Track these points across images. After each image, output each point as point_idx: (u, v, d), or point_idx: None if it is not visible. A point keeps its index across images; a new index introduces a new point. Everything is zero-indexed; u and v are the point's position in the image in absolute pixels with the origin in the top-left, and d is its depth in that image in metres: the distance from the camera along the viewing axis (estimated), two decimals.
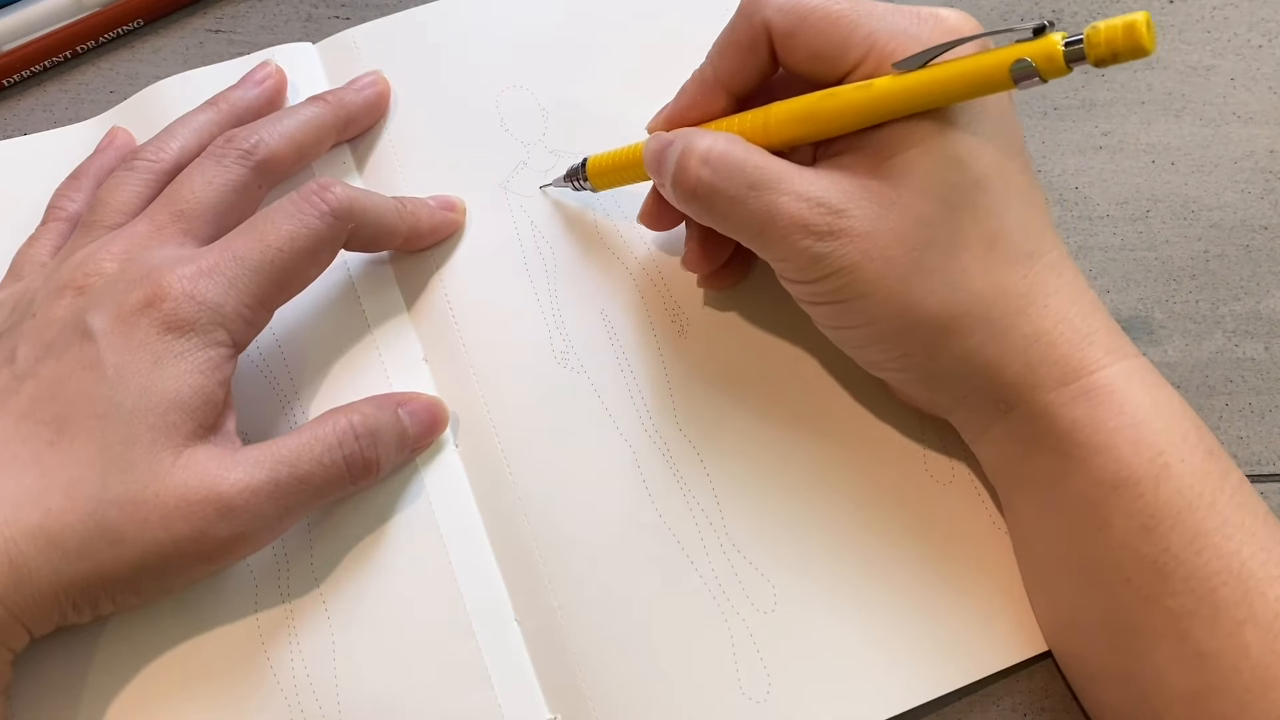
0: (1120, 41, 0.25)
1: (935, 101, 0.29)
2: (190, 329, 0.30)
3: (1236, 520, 0.28)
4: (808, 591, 0.33)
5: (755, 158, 0.30)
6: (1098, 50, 0.25)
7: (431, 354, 0.37)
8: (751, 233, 0.31)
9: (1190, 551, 0.28)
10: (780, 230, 0.30)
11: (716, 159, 0.30)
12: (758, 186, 0.30)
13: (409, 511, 0.34)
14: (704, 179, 0.31)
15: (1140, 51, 0.25)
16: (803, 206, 0.29)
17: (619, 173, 0.36)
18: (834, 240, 0.29)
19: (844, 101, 0.30)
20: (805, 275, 0.30)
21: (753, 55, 0.32)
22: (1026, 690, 0.33)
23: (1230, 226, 0.39)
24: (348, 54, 0.41)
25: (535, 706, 0.33)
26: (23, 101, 0.43)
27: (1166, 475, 0.28)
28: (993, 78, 0.27)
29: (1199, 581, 0.28)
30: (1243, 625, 0.27)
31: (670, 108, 0.34)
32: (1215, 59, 0.42)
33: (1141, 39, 0.25)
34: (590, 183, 0.37)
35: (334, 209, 0.33)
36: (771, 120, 0.31)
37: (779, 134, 0.31)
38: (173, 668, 0.33)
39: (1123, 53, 0.25)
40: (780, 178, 0.30)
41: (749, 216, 0.30)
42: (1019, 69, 0.27)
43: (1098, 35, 0.25)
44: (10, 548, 0.28)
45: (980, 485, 0.35)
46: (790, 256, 0.30)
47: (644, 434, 0.35)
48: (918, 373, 0.32)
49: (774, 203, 0.30)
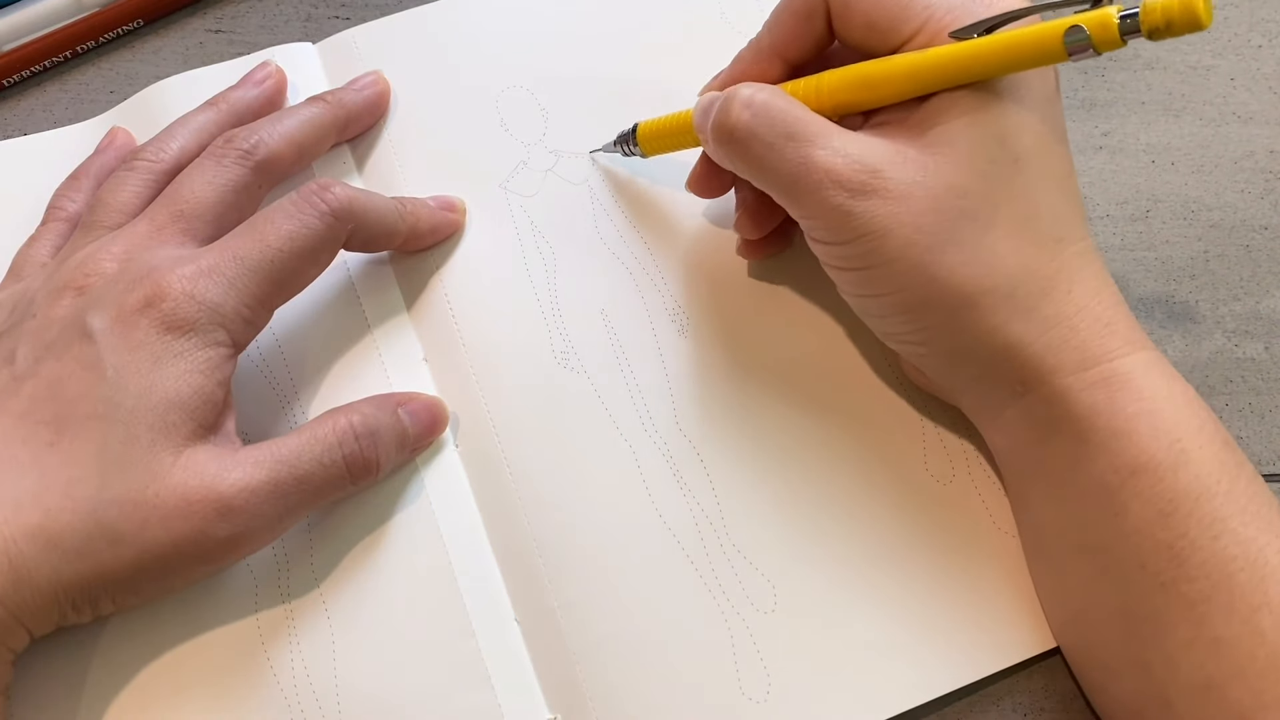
0: (1176, 13, 0.25)
1: (988, 71, 0.29)
2: (190, 329, 0.30)
3: (1253, 508, 0.28)
4: (808, 591, 0.33)
5: (796, 109, 0.30)
6: (1153, 20, 0.25)
7: (431, 354, 0.37)
8: (784, 185, 0.30)
9: (1208, 537, 0.28)
10: (813, 184, 0.30)
11: (759, 105, 0.30)
12: (795, 137, 0.30)
13: (409, 511, 0.34)
14: (743, 122, 0.30)
15: (1196, 25, 0.25)
16: (838, 161, 0.29)
17: (670, 138, 0.36)
18: (867, 199, 0.29)
19: (897, 67, 0.30)
20: (835, 235, 0.30)
21: (809, 25, 0.32)
22: (1026, 690, 0.33)
23: (1230, 226, 0.39)
24: (348, 54, 0.41)
25: (535, 706, 0.33)
26: (23, 101, 0.43)
27: (1185, 461, 0.28)
28: (1047, 47, 0.27)
29: (1216, 567, 0.28)
30: (1258, 611, 0.27)
31: (725, 73, 0.34)
32: (1215, 59, 0.42)
33: (1198, 12, 0.25)
34: (640, 148, 0.37)
35: (334, 209, 0.33)
36: (824, 86, 0.31)
37: (831, 99, 0.31)
38: (173, 668, 0.33)
39: (1178, 24, 0.25)
40: (820, 132, 0.30)
41: (784, 166, 0.30)
42: (1073, 37, 0.27)
43: (1154, 6, 0.25)
44: (10, 548, 0.28)
45: (980, 485, 0.35)
46: (822, 214, 0.30)
47: (644, 434, 0.35)
48: (937, 347, 0.31)
49: (810, 155, 0.30)
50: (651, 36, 0.40)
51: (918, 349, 0.32)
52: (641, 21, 0.41)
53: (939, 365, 0.32)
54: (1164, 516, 0.28)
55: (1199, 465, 0.28)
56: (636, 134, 0.37)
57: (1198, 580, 0.28)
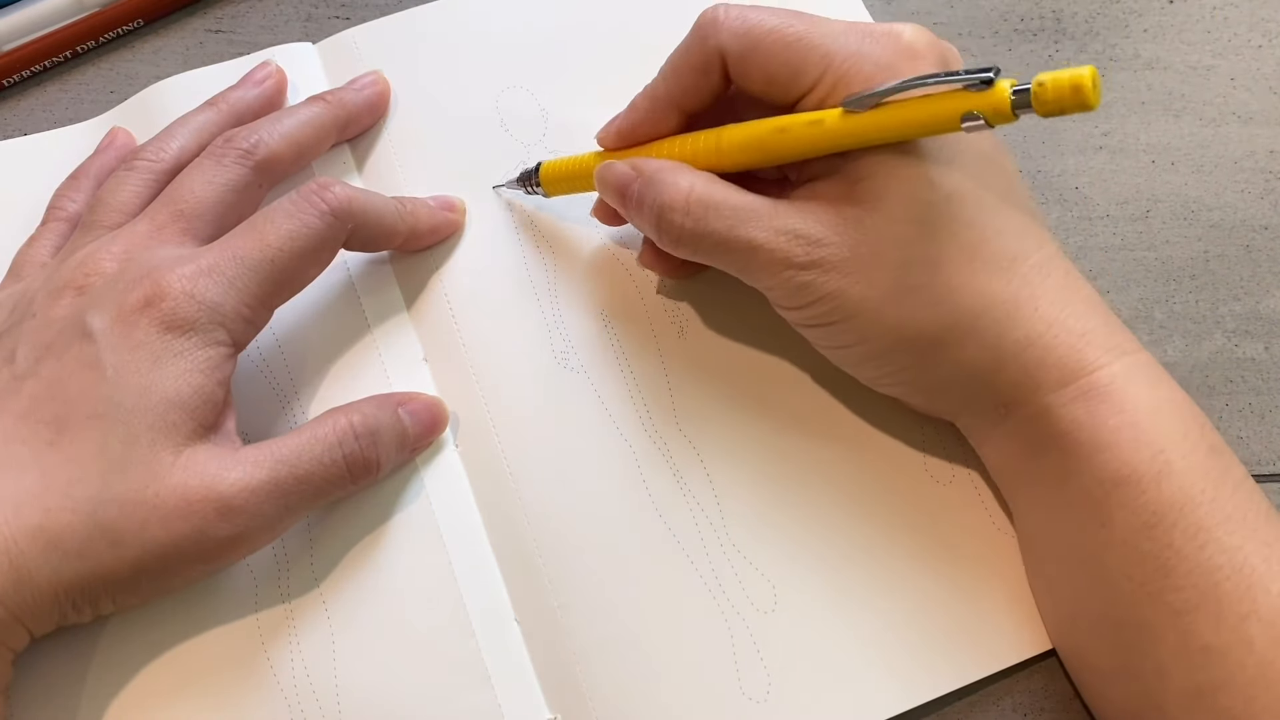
0: (1067, 98, 0.25)
1: (885, 139, 0.29)
2: (190, 328, 0.30)
3: (1239, 516, 0.28)
4: (808, 591, 0.33)
5: (733, 198, 0.31)
6: (1045, 106, 0.26)
7: (431, 354, 0.37)
8: (737, 268, 0.32)
9: (1193, 547, 0.28)
10: (762, 264, 0.30)
11: (697, 209, 0.31)
12: (738, 226, 0.30)
13: (409, 511, 0.34)
14: (688, 229, 0.31)
15: (1085, 107, 0.25)
16: (782, 240, 0.30)
17: (571, 182, 0.36)
18: (815, 270, 0.30)
19: (796, 137, 0.30)
20: (793, 302, 0.31)
21: (705, 77, 0.32)
22: (1026, 690, 0.33)
23: (1230, 226, 0.39)
24: (348, 54, 0.41)
25: (535, 706, 0.33)
26: (23, 101, 0.43)
27: (1169, 472, 0.28)
28: (941, 123, 0.28)
29: (1202, 576, 0.28)
30: (1246, 620, 0.27)
31: (621, 121, 0.34)
32: (1215, 59, 0.42)
33: (1087, 96, 0.25)
34: (542, 188, 0.37)
35: (334, 208, 0.33)
36: (724, 145, 0.32)
37: (731, 159, 0.32)
38: (173, 668, 0.33)
39: (1069, 107, 0.25)
40: (758, 214, 0.30)
41: (732, 255, 0.31)
42: (967, 119, 0.27)
43: (1045, 91, 0.26)
44: (10, 547, 0.28)
45: (980, 485, 0.35)
46: (776, 287, 0.31)
47: (644, 434, 0.35)
48: (916, 385, 0.32)
49: (754, 239, 0.30)
50: (651, 36, 0.40)
51: (900, 389, 0.33)
52: (641, 21, 0.41)
53: (923, 400, 0.33)
54: (1149, 528, 0.28)
55: (1182, 475, 0.28)
56: (539, 174, 0.37)
57: (1184, 590, 0.28)
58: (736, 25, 0.31)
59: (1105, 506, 0.29)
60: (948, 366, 0.30)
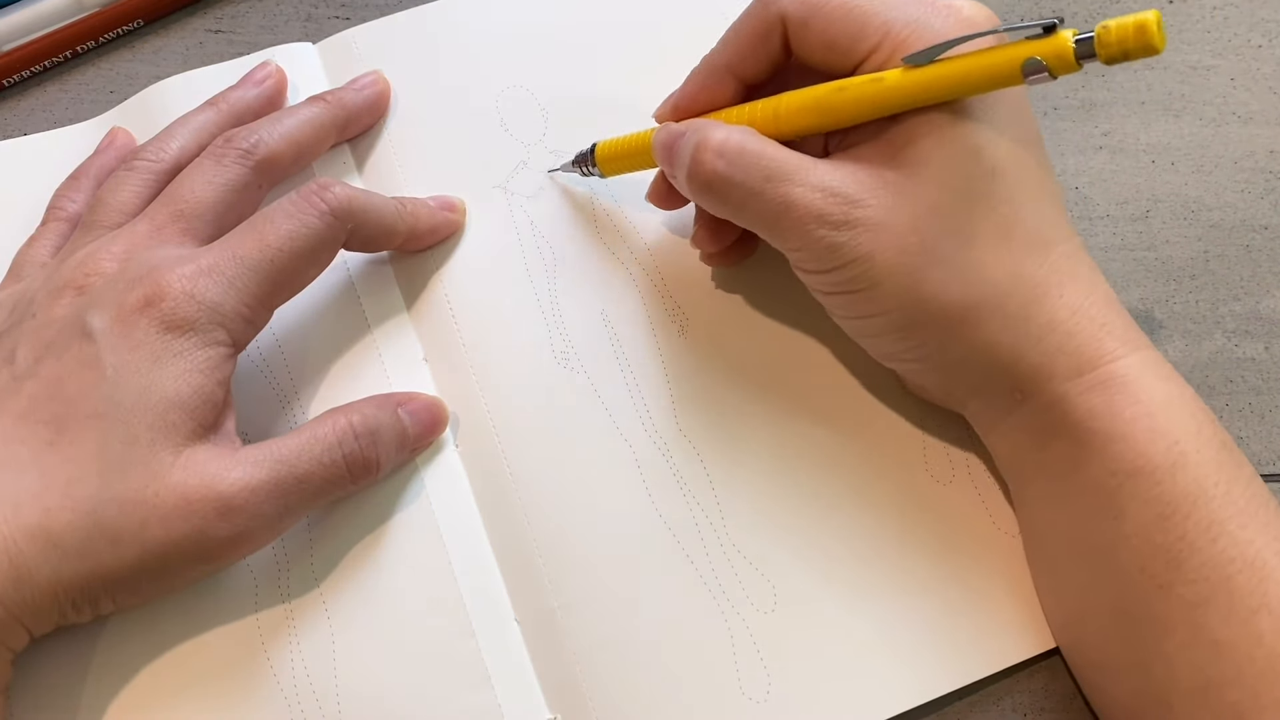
0: (1131, 40, 0.25)
1: (946, 95, 0.29)
2: (190, 328, 0.30)
3: (1251, 510, 0.28)
4: (808, 591, 0.33)
5: (770, 149, 0.30)
6: (1109, 49, 0.25)
7: (431, 354, 0.37)
8: (767, 224, 0.31)
9: (1206, 539, 0.28)
10: (795, 221, 0.30)
11: (732, 151, 0.30)
12: (773, 178, 0.30)
13: (409, 511, 0.34)
14: (719, 171, 0.30)
15: (1150, 50, 0.25)
16: (818, 197, 0.29)
17: (628, 159, 0.36)
18: (849, 230, 0.29)
19: (856, 94, 0.30)
20: (820, 265, 0.30)
21: (765, 44, 0.32)
22: (1026, 690, 0.33)
23: (1230, 226, 0.39)
24: (348, 54, 0.41)
25: (535, 706, 0.33)
26: (23, 101, 0.43)
27: (1183, 464, 0.28)
28: (1003, 74, 0.27)
29: (1214, 569, 0.28)
30: (1257, 613, 0.27)
31: (678, 94, 0.34)
32: (1215, 59, 0.42)
33: (1153, 38, 0.25)
34: (599, 168, 0.37)
35: (333, 208, 0.33)
36: (783, 110, 0.31)
37: (790, 124, 0.31)
38: (173, 668, 0.33)
39: (1133, 51, 0.25)
40: (796, 169, 0.30)
41: (764, 208, 0.30)
42: (1030, 66, 0.27)
43: (1109, 34, 0.25)
44: (10, 547, 0.28)
45: (980, 484, 0.35)
46: (805, 246, 0.30)
47: (644, 434, 0.35)
48: (932, 363, 0.32)
49: (789, 194, 0.30)
50: (652, 36, 0.40)
51: (914, 366, 0.32)
52: (642, 21, 0.41)
53: (937, 380, 0.33)
54: (1161, 519, 0.28)
55: (1196, 468, 0.28)
56: (595, 154, 0.37)
57: (1196, 583, 0.28)
58: None
59: (1118, 498, 0.29)
60: (968, 345, 0.30)
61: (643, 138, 0.35)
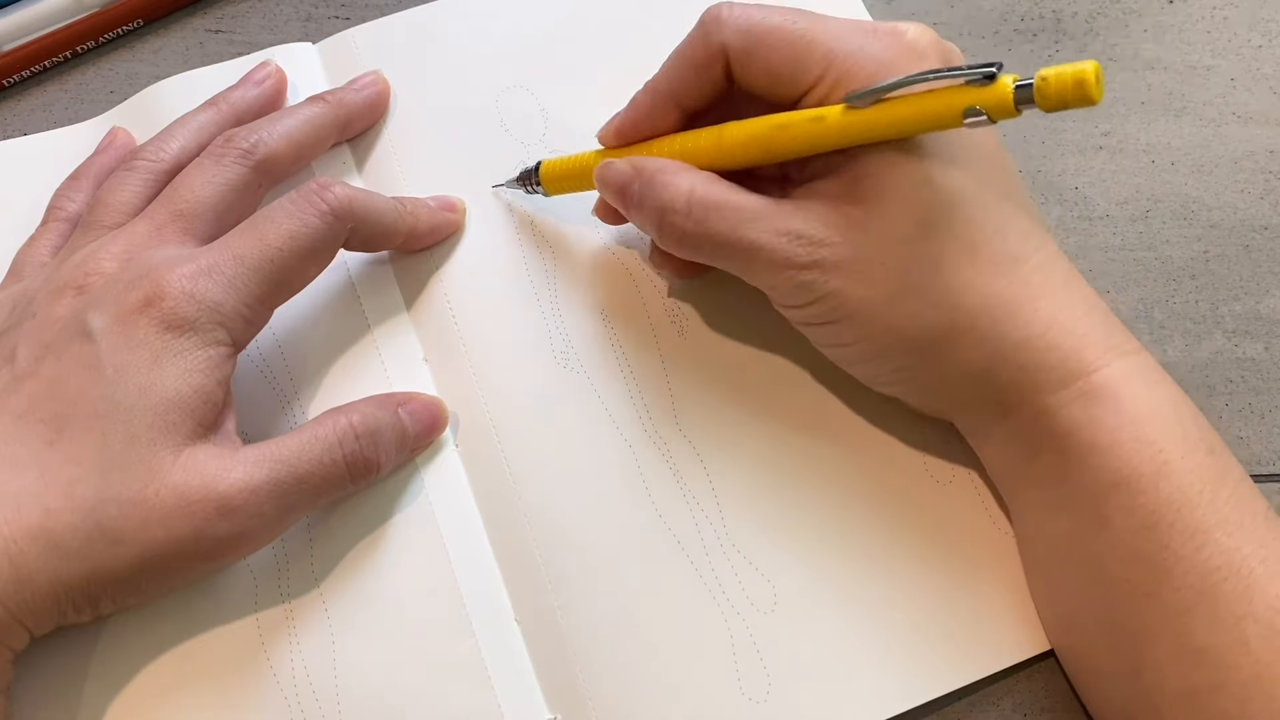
0: (1070, 92, 0.25)
1: (888, 135, 0.29)
2: (190, 328, 0.30)
3: (1236, 518, 0.28)
4: (808, 591, 0.33)
5: (733, 198, 0.31)
6: (1048, 100, 0.26)
7: (431, 354, 0.37)
8: (738, 269, 0.32)
9: (1191, 548, 0.28)
10: (763, 265, 0.31)
11: (697, 210, 0.31)
12: (740, 227, 0.31)
13: (409, 511, 0.34)
14: (689, 231, 0.31)
15: (1087, 101, 0.25)
16: (783, 241, 0.30)
17: (572, 180, 0.36)
18: (816, 270, 0.30)
19: (797, 133, 0.30)
20: (794, 301, 0.31)
21: (708, 73, 0.32)
22: (1026, 690, 0.33)
23: (1230, 226, 0.39)
24: (348, 54, 0.41)
25: (535, 706, 0.33)
26: (23, 101, 0.43)
27: (1167, 473, 0.28)
28: (944, 119, 0.28)
29: (1199, 577, 0.28)
30: (1242, 621, 0.27)
31: (621, 119, 0.34)
32: (1215, 59, 0.42)
33: (1090, 89, 0.25)
34: (542, 187, 0.37)
35: (333, 208, 0.33)
36: (725, 142, 0.32)
37: (732, 156, 0.32)
38: (173, 668, 0.33)
39: (1071, 102, 0.25)
40: (759, 215, 0.30)
41: (734, 256, 0.31)
42: (970, 112, 0.27)
43: (1048, 85, 0.25)
44: (10, 547, 0.28)
45: (980, 485, 0.35)
46: (777, 286, 0.31)
47: (644, 434, 0.35)
48: (915, 385, 0.32)
49: (756, 239, 0.30)
50: (651, 35, 0.40)
51: (900, 388, 0.33)
52: (641, 20, 0.41)
53: (922, 399, 0.33)
54: (1146, 529, 0.28)
55: (1181, 476, 0.28)
56: (539, 173, 0.37)
57: (1181, 591, 0.28)
58: (740, 22, 0.31)
59: (1103, 507, 0.29)
60: (947, 366, 0.30)
61: (586, 161, 0.35)
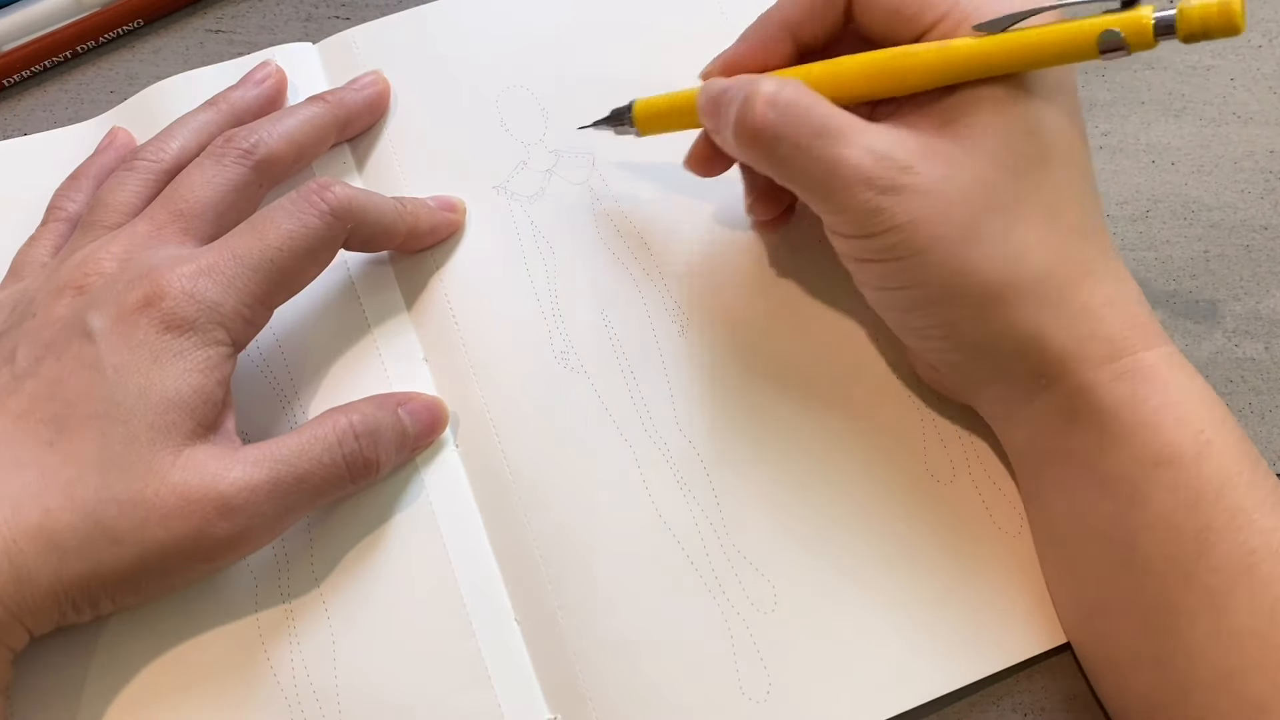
0: (1214, 18, 0.25)
1: (1015, 67, 0.28)
2: (189, 328, 0.30)
3: (1273, 500, 0.28)
4: (808, 591, 0.33)
5: (823, 105, 0.30)
6: (1190, 25, 0.25)
7: (431, 354, 0.37)
8: (812, 182, 0.30)
9: (1231, 528, 0.28)
10: (843, 181, 0.29)
11: (784, 102, 0.30)
12: (823, 135, 0.29)
13: (409, 511, 0.34)
14: (769, 122, 0.30)
15: (1233, 29, 0.24)
16: (868, 159, 0.29)
17: (669, 118, 0.35)
18: (896, 195, 0.29)
19: (922, 60, 0.29)
20: (861, 229, 0.30)
21: (829, 5, 0.31)
22: (1026, 690, 0.33)
23: (1230, 226, 0.39)
24: (348, 54, 0.41)
25: (535, 706, 0.33)
26: (23, 101, 0.43)
27: (1209, 452, 0.28)
28: (1078, 47, 0.27)
29: (1238, 558, 0.28)
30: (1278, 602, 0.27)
31: (730, 52, 0.33)
32: (1215, 59, 0.42)
33: (1235, 16, 0.24)
34: (636, 127, 0.36)
35: (333, 208, 0.33)
36: (844, 72, 0.31)
37: (850, 87, 0.30)
38: (173, 668, 0.33)
39: (1214, 30, 0.25)
40: (848, 128, 0.29)
41: (812, 166, 0.30)
42: (1107, 39, 0.26)
43: (1191, 11, 0.25)
44: (10, 547, 0.28)
45: (981, 485, 0.35)
46: (849, 209, 0.30)
47: (644, 434, 0.35)
48: (960, 341, 0.31)
49: (838, 153, 0.29)
50: (652, 35, 0.40)
51: (940, 344, 0.32)
52: (641, 20, 0.41)
53: (960, 361, 0.32)
54: (1188, 507, 0.28)
55: (1222, 456, 0.28)
56: (633, 112, 0.36)
57: (1219, 571, 0.28)
58: None
59: (1143, 486, 0.29)
60: (1000, 324, 0.30)
61: (686, 96, 0.34)
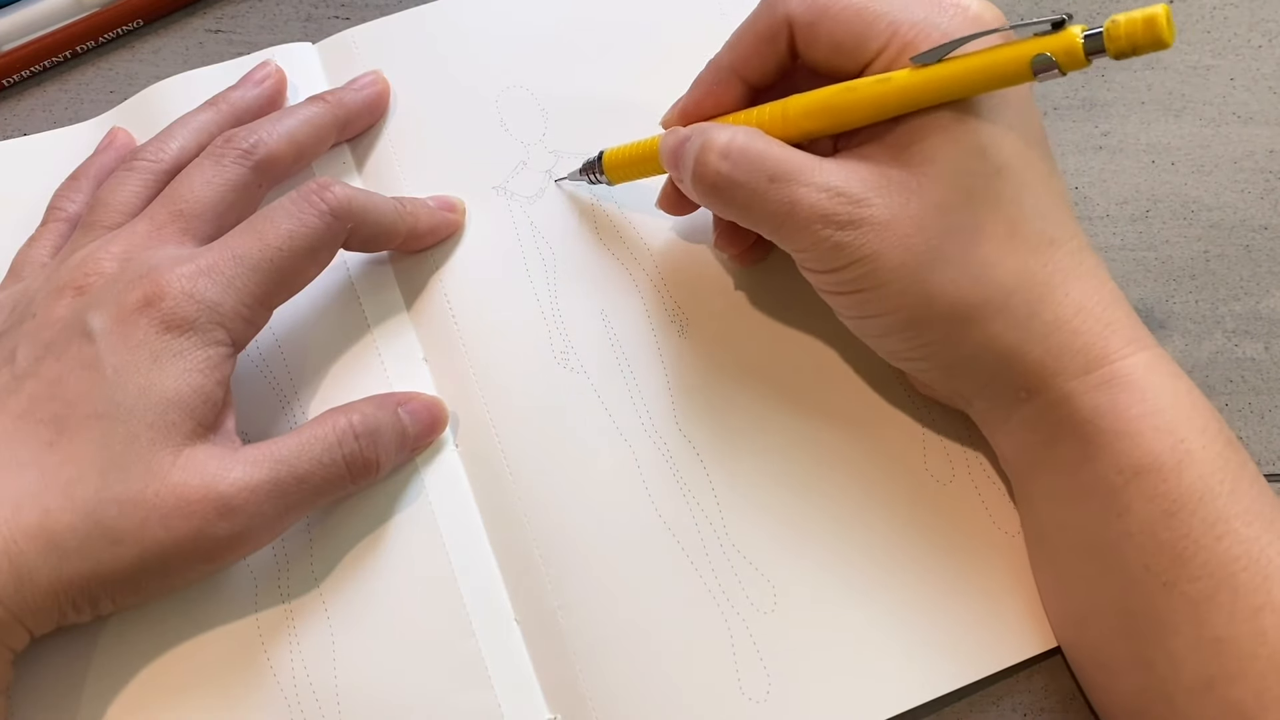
0: (1140, 34, 0.25)
1: (954, 94, 0.29)
2: (189, 328, 0.31)
3: (1255, 509, 0.28)
4: (808, 591, 0.33)
5: (774, 150, 0.30)
6: (1118, 43, 0.25)
7: (431, 354, 0.37)
8: (772, 225, 0.31)
9: (1211, 537, 0.28)
10: (801, 221, 0.30)
11: (736, 152, 0.30)
12: (778, 179, 0.30)
13: (409, 511, 0.34)
14: (723, 173, 0.31)
15: (1159, 44, 0.25)
16: (823, 197, 0.29)
17: (635, 166, 0.36)
18: (855, 230, 0.29)
19: (863, 95, 0.30)
20: (826, 265, 0.30)
21: (772, 46, 0.32)
22: (1026, 690, 0.33)
23: (1230, 226, 0.39)
24: (348, 54, 0.41)
25: (535, 706, 0.33)
26: (23, 101, 0.43)
27: (1189, 461, 0.28)
28: (1013, 71, 0.27)
29: (1218, 567, 0.28)
30: (1260, 611, 0.27)
31: (685, 100, 0.34)
32: (1215, 59, 0.42)
33: (1162, 31, 0.25)
34: (606, 176, 0.37)
35: (333, 208, 0.33)
36: (790, 112, 0.31)
37: (797, 126, 0.31)
38: (173, 668, 0.33)
39: (1142, 45, 0.25)
40: (800, 169, 0.30)
41: (769, 209, 0.30)
42: (1039, 62, 0.27)
43: (1117, 29, 0.25)
44: (10, 547, 0.28)
45: (980, 485, 0.35)
46: (811, 247, 0.30)
47: (644, 434, 0.35)
48: (937, 361, 0.32)
49: (794, 194, 0.30)
50: (652, 36, 0.40)
51: (919, 364, 0.32)
52: (641, 20, 0.41)
53: (942, 378, 0.33)
54: (1167, 516, 0.28)
55: (1202, 465, 0.28)
56: (602, 162, 0.37)
57: (1200, 580, 0.28)
58: None
59: (1124, 495, 0.29)
60: (973, 343, 0.30)
61: (649, 144, 0.35)
